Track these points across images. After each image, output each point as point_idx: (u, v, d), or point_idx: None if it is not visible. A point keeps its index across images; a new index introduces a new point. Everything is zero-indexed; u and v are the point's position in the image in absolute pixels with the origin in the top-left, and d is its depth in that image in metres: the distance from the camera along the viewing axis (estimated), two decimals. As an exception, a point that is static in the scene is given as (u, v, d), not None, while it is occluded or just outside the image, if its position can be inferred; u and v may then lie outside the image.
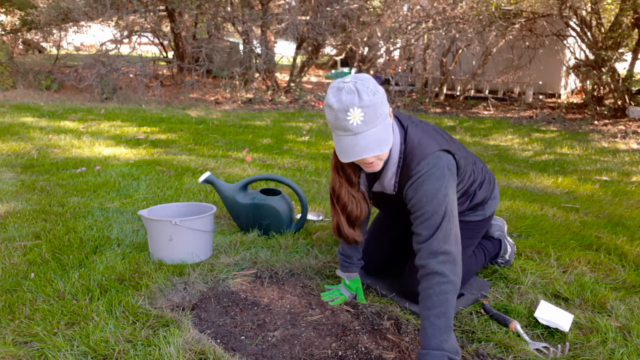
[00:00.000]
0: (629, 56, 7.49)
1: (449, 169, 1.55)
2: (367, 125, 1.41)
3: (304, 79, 11.02)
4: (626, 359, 1.51)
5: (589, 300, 1.86)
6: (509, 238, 2.19)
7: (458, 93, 9.53)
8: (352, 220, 1.70)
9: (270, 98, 8.87)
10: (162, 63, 11.21)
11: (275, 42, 9.89)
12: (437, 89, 9.49)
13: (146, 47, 13.14)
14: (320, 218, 2.75)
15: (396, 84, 10.27)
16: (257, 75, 9.23)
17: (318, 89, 10.45)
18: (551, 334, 1.67)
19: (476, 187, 1.83)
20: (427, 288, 1.45)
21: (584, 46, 7.68)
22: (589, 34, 7.37)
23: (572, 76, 9.27)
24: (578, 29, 7.60)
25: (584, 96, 8.73)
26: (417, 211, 1.54)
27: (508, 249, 2.15)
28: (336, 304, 1.84)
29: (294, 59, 9.91)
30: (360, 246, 1.89)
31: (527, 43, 8.57)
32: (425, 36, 9.10)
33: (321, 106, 8.66)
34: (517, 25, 7.68)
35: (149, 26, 10.03)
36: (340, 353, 1.54)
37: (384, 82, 10.58)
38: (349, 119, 1.40)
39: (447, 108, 8.66)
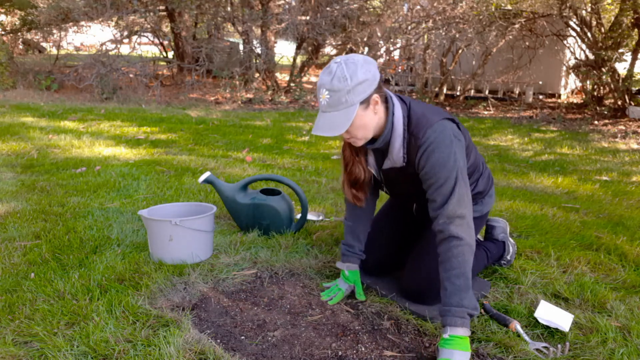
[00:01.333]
0: (629, 56, 7.49)
1: (455, 136, 1.61)
2: (330, 107, 1.54)
3: (304, 79, 11.02)
4: (626, 359, 1.51)
5: (589, 300, 1.86)
6: (510, 239, 2.20)
7: (458, 93, 9.53)
8: (353, 180, 1.80)
9: (270, 98, 8.87)
10: (162, 63, 11.21)
11: (275, 42, 9.88)
12: (437, 89, 9.49)
13: (146, 47, 13.13)
14: (320, 218, 2.75)
15: (396, 84, 10.27)
16: (257, 75, 9.22)
17: (318, 89, 10.43)
18: (551, 334, 1.66)
19: (478, 174, 1.86)
20: (446, 251, 1.54)
21: (584, 46, 7.68)
22: (589, 34, 7.37)
23: (572, 76, 9.27)
24: (578, 29, 7.60)
25: (584, 96, 8.73)
26: (430, 179, 1.59)
27: (510, 249, 2.15)
28: (335, 302, 1.85)
29: (294, 59, 9.91)
30: (363, 238, 1.94)
31: (527, 43, 8.57)
32: (425, 36, 9.09)
33: (321, 106, 8.64)
34: (517, 25, 7.68)
35: (149, 26, 10.03)
36: (340, 353, 1.54)
37: (384, 82, 10.59)
38: (320, 97, 1.55)
39: (447, 108, 8.66)
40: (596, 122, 7.08)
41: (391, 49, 9.64)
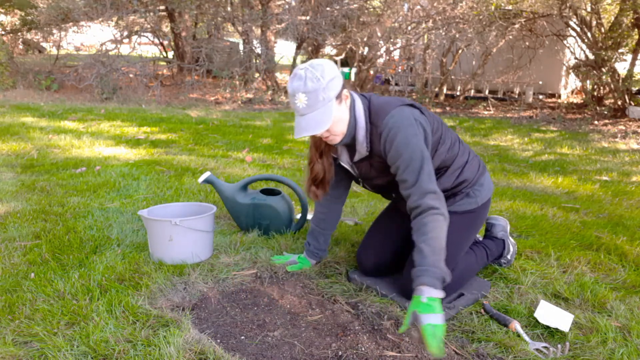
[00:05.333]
0: (629, 56, 7.49)
1: (415, 119, 1.67)
2: (310, 108, 1.60)
3: (304, 79, 10.99)
4: (626, 359, 1.51)
5: (589, 300, 1.86)
6: (510, 238, 2.19)
7: (458, 93, 9.53)
8: (313, 177, 1.89)
9: (270, 98, 8.87)
10: (162, 63, 11.21)
11: (275, 42, 9.89)
12: (437, 89, 9.49)
13: (146, 47, 13.14)
14: (320, 218, 2.75)
15: (396, 84, 10.27)
16: (257, 75, 9.22)
17: (318, 89, 10.43)
18: (551, 334, 1.66)
19: (463, 161, 1.87)
20: (421, 218, 1.61)
21: (584, 46, 7.68)
22: (589, 34, 7.37)
23: (572, 76, 9.27)
24: (578, 29, 7.61)
25: (584, 96, 8.73)
26: (397, 160, 1.66)
27: (510, 248, 2.15)
28: (281, 262, 2.10)
29: (294, 59, 9.91)
30: (324, 242, 2.12)
31: (527, 43, 8.57)
32: (425, 36, 9.10)
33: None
34: (517, 25, 7.69)
35: (149, 26, 10.03)
36: (340, 353, 1.54)
37: (384, 82, 10.58)
38: (296, 102, 1.62)
39: (447, 108, 8.66)
40: (596, 122, 7.08)
41: (391, 49, 9.64)
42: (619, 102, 7.39)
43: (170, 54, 11.71)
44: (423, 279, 1.53)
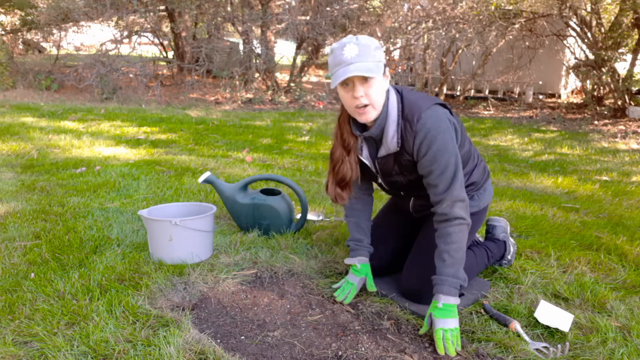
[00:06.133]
0: (629, 56, 7.49)
1: (449, 121, 1.66)
2: (360, 57, 1.54)
3: (304, 79, 11.02)
4: (626, 359, 1.51)
5: (589, 300, 1.86)
6: (510, 238, 2.20)
7: (458, 93, 9.53)
8: (340, 179, 1.81)
9: (270, 98, 8.87)
10: (162, 63, 11.21)
11: (275, 42, 9.88)
12: (437, 89, 9.49)
13: (146, 47, 13.13)
14: (320, 218, 2.75)
15: (396, 84, 10.26)
16: (257, 75, 9.22)
17: (318, 89, 10.45)
18: (551, 334, 1.66)
19: (473, 165, 1.87)
20: (448, 226, 1.64)
21: (584, 46, 7.68)
22: (589, 34, 7.37)
23: (572, 76, 9.27)
24: (578, 29, 7.60)
25: (584, 96, 8.72)
26: (431, 165, 1.64)
27: (511, 249, 2.15)
28: (350, 299, 1.84)
29: (294, 59, 9.91)
30: (368, 231, 1.96)
31: (527, 43, 8.57)
32: (425, 36, 9.09)
33: (321, 106, 8.66)
34: (517, 26, 7.68)
35: (149, 26, 10.03)
36: (340, 353, 1.54)
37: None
38: (344, 53, 1.55)
39: (447, 108, 8.65)
40: (596, 122, 7.08)
41: (391, 49, 9.63)
42: (619, 102, 7.39)
43: (170, 54, 11.71)
44: (442, 288, 1.60)
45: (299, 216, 2.64)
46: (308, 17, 8.94)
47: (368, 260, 1.92)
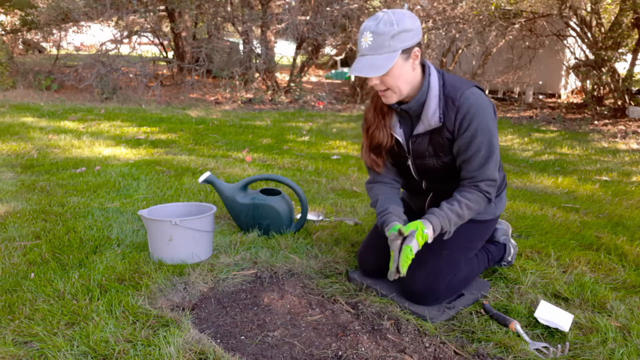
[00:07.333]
0: (629, 56, 7.49)
1: (489, 102, 1.69)
2: (371, 50, 1.57)
3: (304, 79, 11.02)
4: (626, 359, 1.51)
5: (589, 300, 1.86)
6: (512, 240, 2.19)
7: (458, 93, 9.51)
8: (375, 145, 1.82)
9: (270, 98, 8.87)
10: (162, 63, 11.21)
11: (275, 42, 9.88)
12: (437, 89, 9.47)
13: (146, 47, 13.13)
14: (320, 218, 2.75)
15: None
16: (257, 75, 9.22)
17: (318, 89, 10.45)
18: (551, 334, 1.66)
19: (499, 164, 1.86)
20: (471, 190, 1.69)
21: (584, 46, 7.68)
22: (589, 34, 7.37)
23: (572, 76, 9.27)
24: (578, 29, 7.61)
25: (584, 96, 8.72)
26: (470, 141, 1.66)
27: (511, 251, 2.15)
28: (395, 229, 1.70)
29: (294, 59, 9.91)
30: (397, 197, 1.88)
31: (527, 43, 8.57)
32: (425, 36, 9.09)
33: (321, 106, 8.66)
34: (517, 25, 7.69)
35: (149, 26, 10.03)
36: (340, 353, 1.54)
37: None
38: (362, 41, 1.59)
39: (447, 108, 8.65)
40: (596, 122, 7.08)
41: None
42: (619, 102, 7.39)
43: (170, 54, 11.71)
44: (433, 219, 1.67)
45: (299, 216, 2.64)
46: (308, 17, 8.94)
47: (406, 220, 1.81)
